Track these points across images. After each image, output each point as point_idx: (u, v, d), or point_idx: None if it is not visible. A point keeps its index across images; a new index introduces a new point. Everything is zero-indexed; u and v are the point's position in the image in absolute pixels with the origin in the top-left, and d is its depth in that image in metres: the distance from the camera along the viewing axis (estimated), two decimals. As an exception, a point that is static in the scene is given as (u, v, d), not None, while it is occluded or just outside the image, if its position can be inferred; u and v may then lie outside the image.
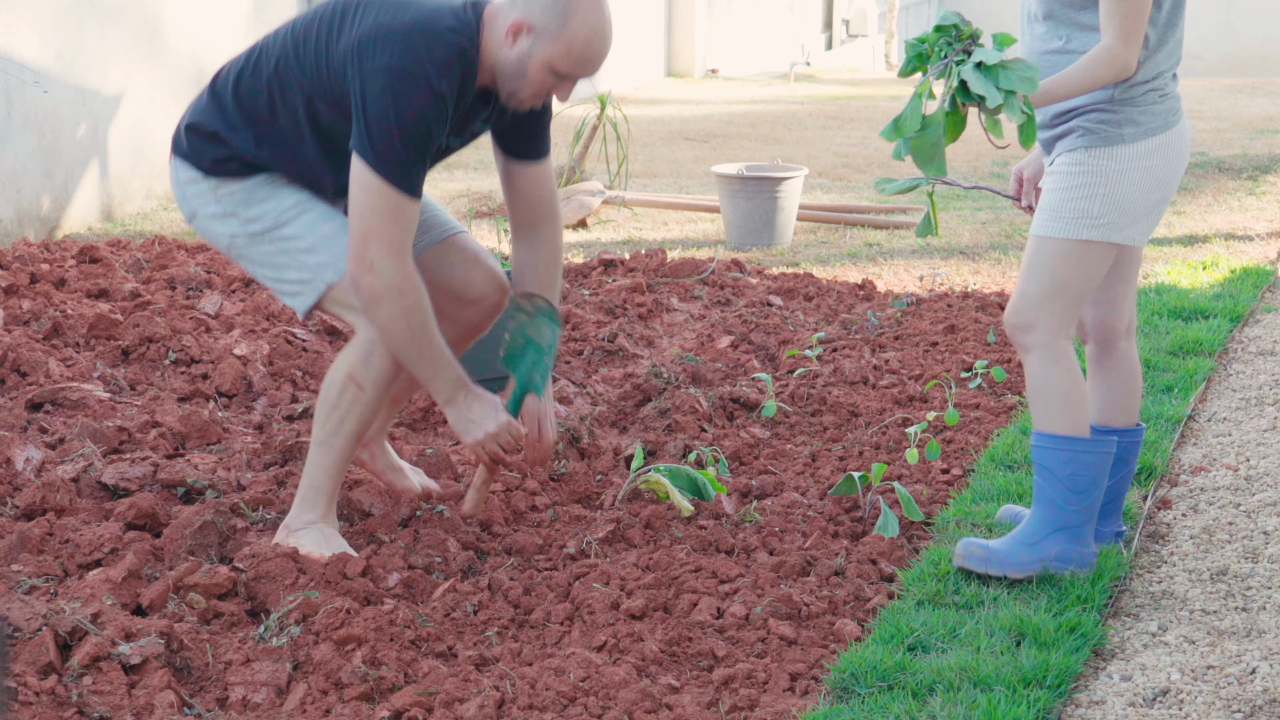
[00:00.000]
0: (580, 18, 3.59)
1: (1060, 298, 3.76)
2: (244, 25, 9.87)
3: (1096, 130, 3.71)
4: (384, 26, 3.60)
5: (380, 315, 3.64)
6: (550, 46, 3.60)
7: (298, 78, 3.72)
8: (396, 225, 3.60)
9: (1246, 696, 3.31)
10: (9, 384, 5.10)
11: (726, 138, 12.44)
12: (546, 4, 3.59)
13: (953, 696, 3.23)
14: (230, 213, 3.80)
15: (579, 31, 3.60)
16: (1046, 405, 3.80)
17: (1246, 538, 4.19)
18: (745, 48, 18.42)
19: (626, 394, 5.29)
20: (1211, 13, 20.29)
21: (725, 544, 4.06)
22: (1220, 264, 7.57)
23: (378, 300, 3.62)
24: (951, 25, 3.52)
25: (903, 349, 5.96)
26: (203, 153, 3.79)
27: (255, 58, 3.80)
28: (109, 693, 3.15)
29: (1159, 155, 3.73)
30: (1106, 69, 3.60)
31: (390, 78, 3.55)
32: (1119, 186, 3.72)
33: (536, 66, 3.62)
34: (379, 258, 3.58)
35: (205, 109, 3.82)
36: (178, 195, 3.89)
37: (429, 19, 3.61)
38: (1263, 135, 12.60)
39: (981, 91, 3.44)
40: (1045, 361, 3.78)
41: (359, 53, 3.60)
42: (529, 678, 3.28)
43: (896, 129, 3.53)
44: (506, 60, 3.64)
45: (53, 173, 8.14)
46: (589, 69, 3.67)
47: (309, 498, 3.84)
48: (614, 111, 9.66)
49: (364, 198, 3.60)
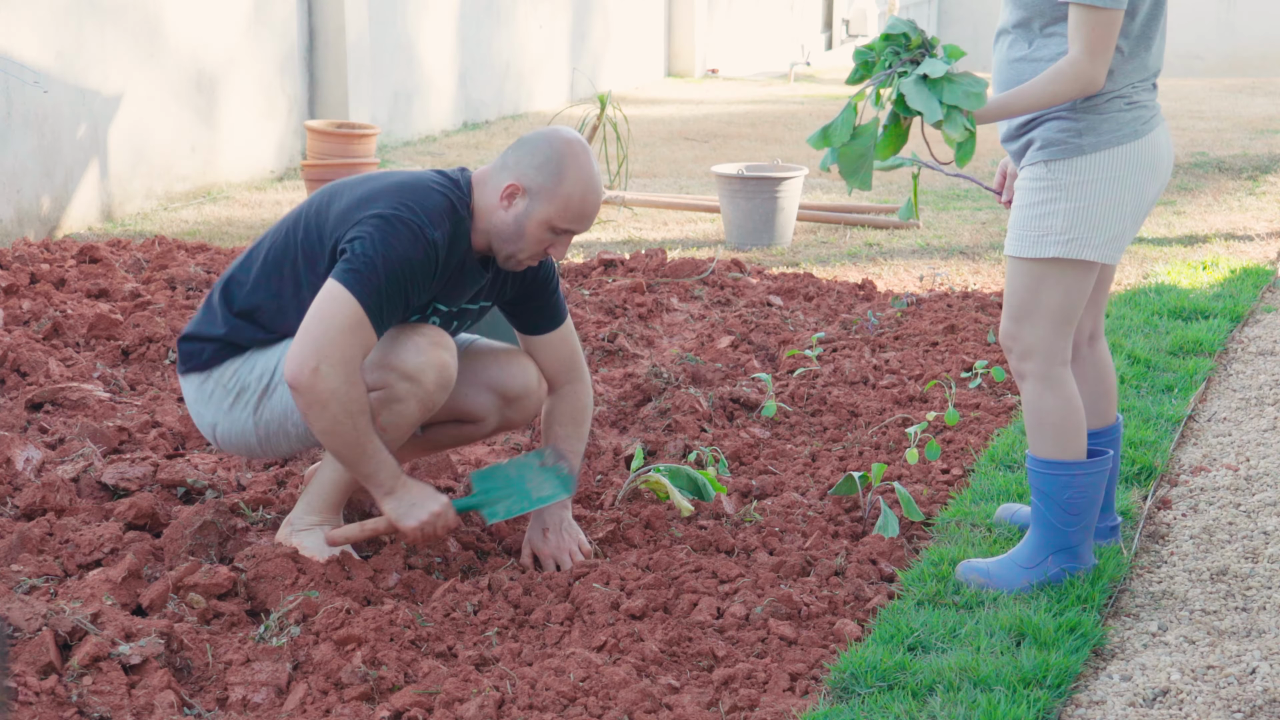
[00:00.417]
0: (574, 175, 3.69)
1: (1045, 319, 3.64)
2: (244, 25, 9.87)
3: (1056, 141, 3.56)
4: (375, 188, 3.70)
5: (323, 419, 3.56)
6: (547, 205, 3.69)
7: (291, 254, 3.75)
8: (353, 342, 3.54)
9: (1246, 696, 3.31)
10: (9, 384, 5.10)
11: (726, 138, 12.44)
12: (539, 165, 3.69)
13: (953, 696, 3.23)
14: (240, 388, 3.79)
15: (574, 188, 3.69)
16: (1041, 431, 3.72)
17: (1246, 538, 4.19)
18: (745, 48, 18.43)
19: (626, 394, 5.29)
20: (1211, 13, 20.29)
21: (725, 544, 4.06)
22: (1220, 264, 7.57)
23: (321, 404, 3.54)
24: (901, 34, 3.39)
25: (903, 349, 5.96)
26: (201, 353, 3.82)
27: (242, 260, 3.87)
28: (109, 693, 3.14)
29: (1126, 165, 3.57)
30: (1070, 84, 3.44)
31: (382, 222, 3.61)
32: (1082, 200, 3.56)
33: (534, 225, 3.70)
34: (327, 367, 3.52)
35: (197, 320, 3.87)
36: (196, 416, 3.89)
37: (418, 178, 3.73)
38: (1263, 135, 12.60)
39: (919, 106, 3.31)
40: (1040, 389, 3.69)
41: (354, 210, 3.66)
42: (529, 678, 3.28)
43: (825, 138, 3.43)
44: (503, 222, 3.72)
45: (53, 173, 8.14)
46: (585, 223, 3.75)
47: (315, 503, 3.84)
48: (614, 111, 9.66)
49: (328, 306, 3.55)
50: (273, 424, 3.79)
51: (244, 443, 3.85)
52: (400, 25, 11.53)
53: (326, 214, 3.73)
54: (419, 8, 11.76)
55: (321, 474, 3.85)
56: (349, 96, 10.67)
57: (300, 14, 10.49)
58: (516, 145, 3.75)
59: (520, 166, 3.70)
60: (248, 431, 3.81)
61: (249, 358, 3.78)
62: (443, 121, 12.34)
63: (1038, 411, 3.71)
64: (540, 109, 13.69)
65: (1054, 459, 3.72)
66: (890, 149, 3.41)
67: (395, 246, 3.58)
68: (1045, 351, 3.66)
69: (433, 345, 3.71)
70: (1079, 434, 3.72)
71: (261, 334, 3.78)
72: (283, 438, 3.82)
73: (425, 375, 3.69)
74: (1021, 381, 3.72)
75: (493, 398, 3.96)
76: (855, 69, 3.45)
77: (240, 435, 3.83)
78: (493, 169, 3.75)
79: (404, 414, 3.71)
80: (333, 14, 10.58)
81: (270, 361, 3.76)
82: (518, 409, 3.99)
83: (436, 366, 3.70)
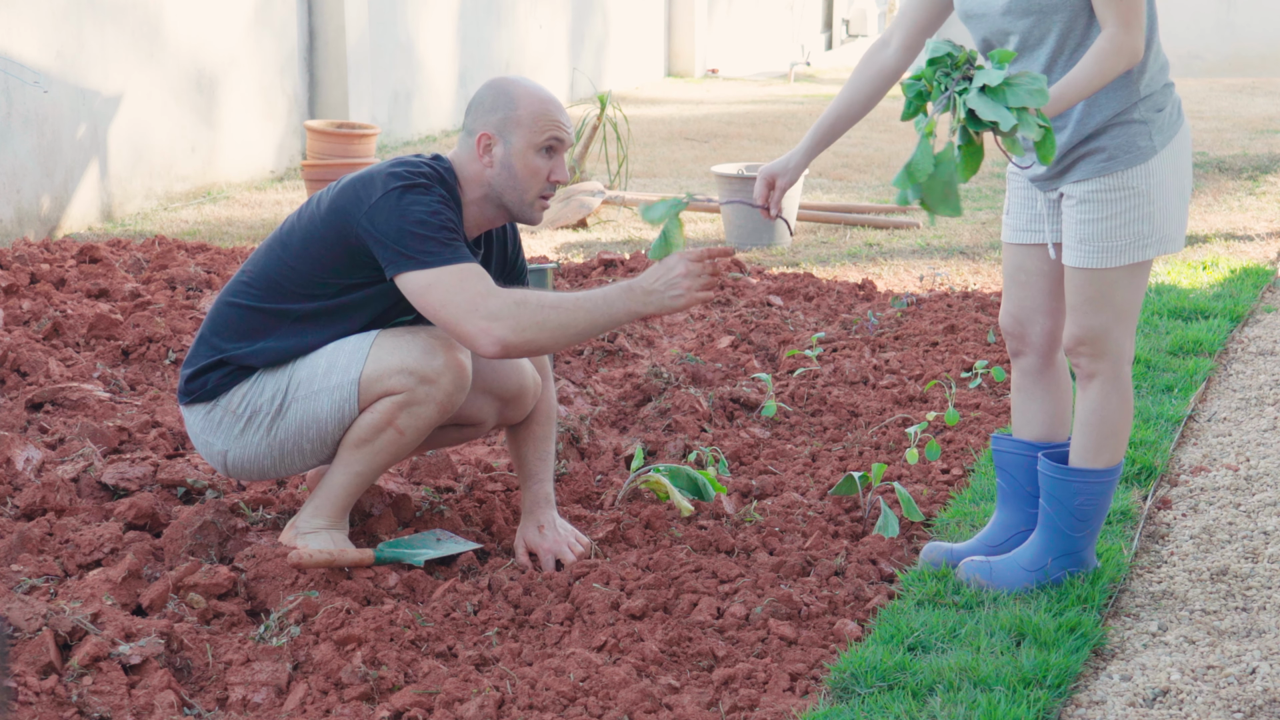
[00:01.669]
0: (522, 93, 3.79)
1: (1125, 322, 3.63)
2: (244, 25, 9.87)
3: (1128, 148, 3.54)
4: (361, 177, 3.73)
5: (541, 339, 3.60)
6: (519, 131, 3.77)
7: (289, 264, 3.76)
8: (474, 285, 3.60)
9: (1246, 696, 3.30)
10: (9, 384, 5.10)
11: (726, 138, 12.44)
12: (489, 107, 3.78)
13: (953, 696, 3.23)
14: (251, 412, 3.78)
15: (529, 103, 3.78)
16: (1099, 434, 3.66)
17: (1246, 538, 4.19)
18: (745, 48, 18.43)
19: (626, 394, 5.29)
20: (1211, 13, 20.28)
21: (725, 544, 4.06)
22: (1220, 264, 7.57)
23: (526, 338, 3.58)
24: (945, 55, 3.32)
25: (903, 349, 5.96)
26: (206, 383, 3.81)
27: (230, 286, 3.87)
28: (109, 693, 3.14)
29: (1183, 152, 3.62)
30: (1115, 60, 3.42)
31: (388, 199, 3.65)
32: (1161, 198, 3.58)
33: (520, 157, 3.77)
34: (486, 320, 3.56)
35: (193, 354, 3.86)
36: (202, 449, 3.88)
37: (399, 160, 3.77)
38: (1263, 135, 12.60)
39: (992, 116, 3.24)
40: (1109, 390, 3.64)
41: (354, 203, 3.68)
42: (529, 678, 3.28)
43: (909, 176, 3.32)
44: (495, 175, 3.78)
45: (53, 173, 8.14)
46: (561, 128, 3.81)
47: (323, 506, 3.84)
48: (614, 111, 9.66)
49: (432, 297, 3.60)
50: (288, 442, 3.79)
51: (258, 466, 3.85)
52: (400, 25, 11.53)
53: (319, 212, 3.75)
54: (419, 8, 11.76)
55: (330, 479, 3.84)
56: (349, 96, 10.67)
57: (300, 14, 10.49)
58: (466, 112, 3.84)
59: (477, 121, 3.78)
60: (262, 454, 3.81)
61: (257, 380, 3.78)
62: (443, 121, 12.34)
63: (1102, 412, 3.66)
64: (540, 109, 13.68)
65: (1082, 467, 3.67)
66: (971, 168, 3.33)
67: (418, 206, 3.63)
68: (1118, 352, 3.65)
69: (449, 347, 3.72)
70: (1127, 436, 3.72)
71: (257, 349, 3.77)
72: (298, 455, 3.82)
73: (443, 378, 3.71)
74: (1089, 382, 3.65)
75: (490, 400, 3.97)
76: (909, 102, 3.37)
77: (254, 459, 3.83)
78: (459, 143, 3.84)
79: (423, 416, 3.73)
80: (333, 14, 10.58)
81: (281, 381, 3.76)
82: (514, 408, 4.00)
83: (454, 368, 3.72)
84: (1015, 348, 3.85)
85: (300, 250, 3.74)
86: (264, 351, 3.76)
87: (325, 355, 3.74)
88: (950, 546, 3.94)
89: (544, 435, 4.05)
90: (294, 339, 3.76)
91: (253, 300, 3.78)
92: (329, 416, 3.74)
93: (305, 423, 3.75)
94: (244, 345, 3.78)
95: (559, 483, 4.46)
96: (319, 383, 3.73)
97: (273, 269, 3.78)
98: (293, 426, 3.76)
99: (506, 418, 4.02)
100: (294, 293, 3.75)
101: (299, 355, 3.76)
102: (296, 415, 3.75)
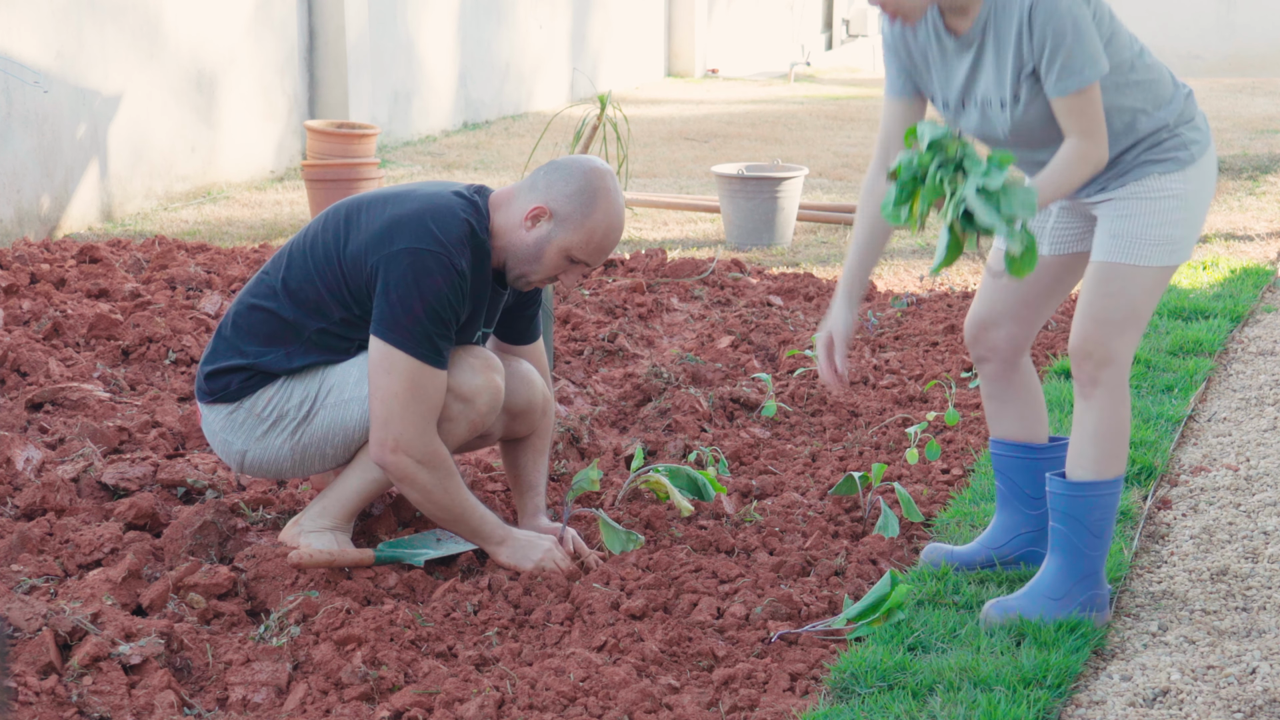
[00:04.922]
0: (603, 209, 3.74)
1: (1135, 327, 3.60)
2: (244, 25, 9.87)
3: (1172, 155, 3.57)
4: (396, 217, 3.69)
5: (415, 490, 3.69)
6: (571, 234, 3.73)
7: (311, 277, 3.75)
8: (421, 403, 3.64)
9: (1246, 696, 3.31)
10: (9, 384, 5.10)
11: (726, 138, 12.44)
12: (571, 193, 3.72)
13: (953, 696, 3.23)
14: (277, 415, 3.79)
15: (600, 222, 3.74)
16: (1105, 444, 3.60)
17: (1246, 538, 4.19)
18: (745, 48, 18.43)
19: (626, 394, 5.29)
20: (1211, 13, 20.28)
21: (725, 544, 4.06)
22: (1220, 264, 7.57)
23: (409, 478, 3.68)
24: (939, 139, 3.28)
25: (903, 349, 5.96)
26: (229, 385, 3.81)
27: (253, 287, 3.86)
28: (109, 693, 3.15)
29: (1212, 165, 3.64)
30: (1080, 166, 3.45)
31: (411, 258, 3.63)
32: (1195, 207, 3.59)
33: (554, 251, 3.75)
34: (404, 439, 3.64)
35: (214, 352, 3.85)
36: (219, 447, 3.88)
37: (436, 202, 3.72)
38: (1263, 135, 12.60)
39: (989, 223, 3.22)
40: (1115, 398, 3.60)
41: (377, 243, 3.67)
42: (529, 678, 3.28)
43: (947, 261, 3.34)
44: (522, 243, 3.75)
45: (53, 172, 8.14)
46: (601, 258, 3.81)
47: (331, 508, 3.84)
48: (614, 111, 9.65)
49: (385, 380, 3.63)
50: (311, 447, 3.81)
51: (276, 467, 3.86)
52: (400, 25, 11.53)
53: (345, 243, 3.73)
54: (419, 8, 11.76)
55: (344, 482, 3.84)
56: (349, 96, 10.66)
57: (300, 14, 10.49)
58: (549, 168, 3.76)
59: (551, 191, 3.73)
60: (283, 457, 3.83)
61: (284, 385, 3.78)
62: (443, 121, 12.34)
63: (1110, 421, 3.61)
64: (540, 109, 13.69)
65: (1093, 479, 3.61)
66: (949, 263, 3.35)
67: (430, 282, 3.62)
68: (1122, 359, 3.61)
69: (487, 368, 3.77)
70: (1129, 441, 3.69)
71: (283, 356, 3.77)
72: (319, 459, 3.84)
73: (479, 397, 3.75)
74: (1093, 390, 3.60)
75: (499, 414, 3.98)
76: (900, 187, 3.34)
77: (273, 460, 3.84)
78: (520, 189, 3.78)
79: (452, 433, 3.76)
80: (333, 14, 10.58)
81: (311, 388, 3.77)
82: (521, 422, 4.02)
83: (490, 390, 3.77)
84: (978, 354, 3.84)
85: (323, 265, 3.75)
86: (291, 358, 3.77)
87: (357, 364, 3.75)
88: (951, 549, 3.94)
89: (543, 448, 4.08)
90: (321, 348, 3.77)
91: (278, 306, 3.78)
92: (357, 425, 3.76)
93: (332, 429, 3.77)
94: (270, 351, 3.78)
95: (558, 482, 4.47)
96: (350, 391, 3.75)
97: (297, 277, 3.77)
98: (319, 432, 3.78)
99: (512, 431, 4.03)
100: (319, 304, 3.75)
101: (328, 364, 3.77)
102: (324, 421, 3.77)
